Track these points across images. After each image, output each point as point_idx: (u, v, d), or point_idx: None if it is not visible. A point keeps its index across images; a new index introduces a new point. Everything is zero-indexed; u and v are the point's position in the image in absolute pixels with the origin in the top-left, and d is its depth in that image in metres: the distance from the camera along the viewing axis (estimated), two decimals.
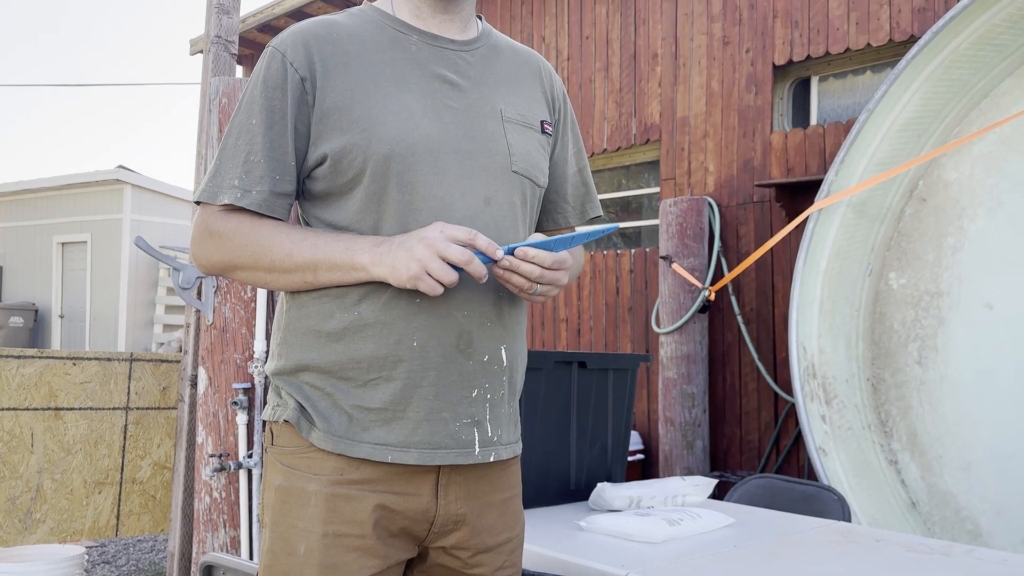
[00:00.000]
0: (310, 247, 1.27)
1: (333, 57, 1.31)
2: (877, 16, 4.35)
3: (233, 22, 3.45)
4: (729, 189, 4.98)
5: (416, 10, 1.39)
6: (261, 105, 1.30)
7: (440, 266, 1.20)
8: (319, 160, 1.29)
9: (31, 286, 14.68)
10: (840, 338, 4.00)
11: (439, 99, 1.34)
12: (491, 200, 1.34)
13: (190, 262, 3.15)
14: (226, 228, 1.30)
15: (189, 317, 3.32)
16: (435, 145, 1.30)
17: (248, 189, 1.28)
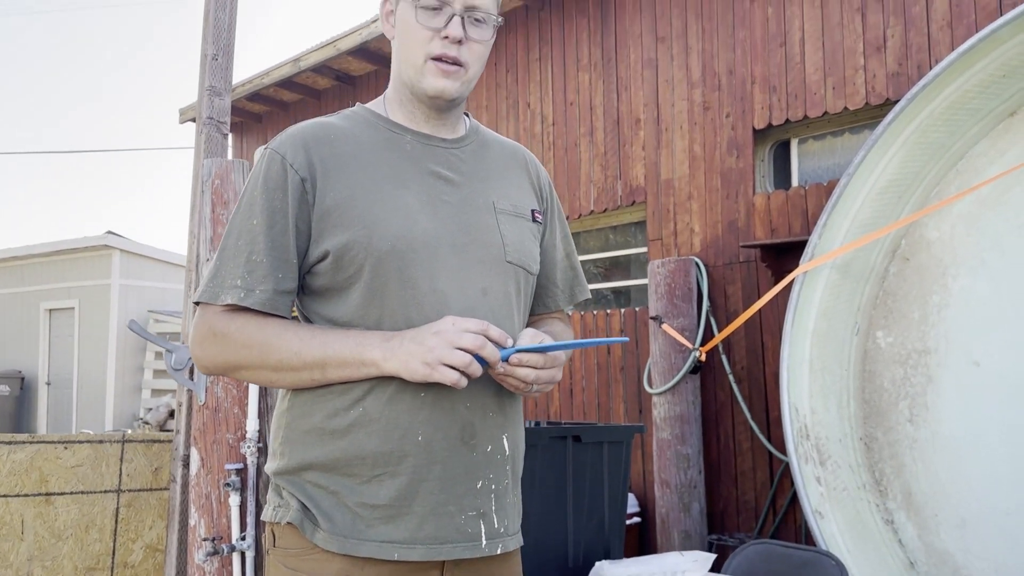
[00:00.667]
0: (319, 345, 1.27)
1: (332, 158, 1.35)
2: (853, 81, 4.47)
3: (225, 103, 3.52)
4: (715, 249, 5.05)
5: (409, 114, 1.44)
6: (262, 206, 1.32)
7: (453, 354, 1.22)
8: (321, 256, 1.32)
9: (18, 354, 14.56)
10: (831, 398, 4.02)
11: (435, 195, 1.38)
12: (488, 291, 1.37)
13: (182, 343, 3.16)
14: (230, 328, 1.30)
15: (181, 396, 3.31)
16: (433, 240, 1.34)
17: (252, 288, 1.29)
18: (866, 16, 4.45)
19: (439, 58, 1.36)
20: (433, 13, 1.34)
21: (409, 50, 1.38)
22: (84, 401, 13.32)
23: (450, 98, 1.39)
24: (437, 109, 1.42)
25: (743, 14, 5.00)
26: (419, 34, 1.35)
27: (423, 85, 1.38)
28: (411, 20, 1.36)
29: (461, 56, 1.36)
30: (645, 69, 5.50)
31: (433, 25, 1.35)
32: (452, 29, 1.34)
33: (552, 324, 1.61)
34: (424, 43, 1.35)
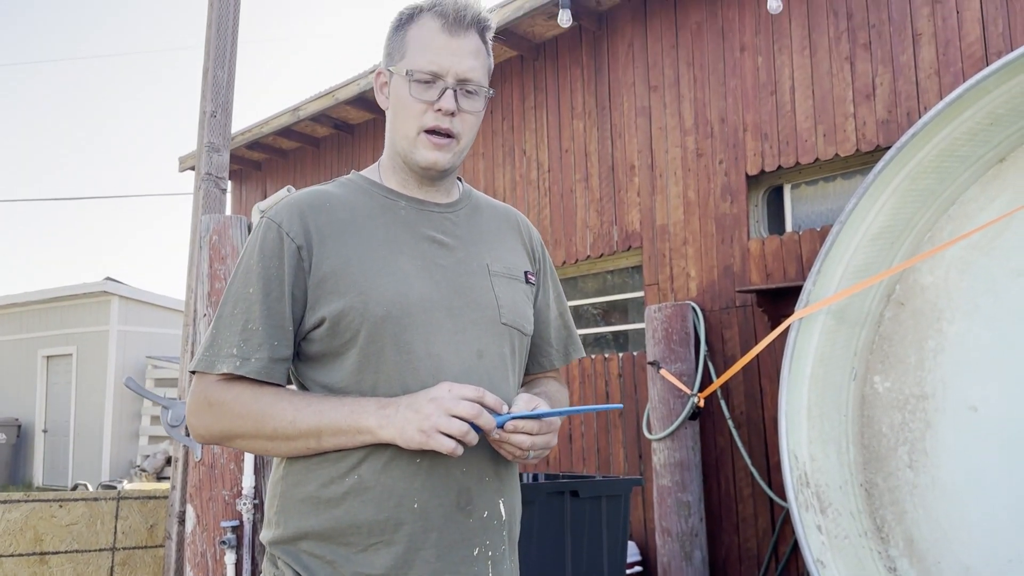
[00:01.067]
0: (314, 413, 1.27)
1: (328, 225, 1.36)
2: (843, 128, 4.53)
3: (223, 159, 3.56)
4: (711, 294, 5.07)
5: (403, 181, 1.46)
6: (258, 274, 1.33)
7: (450, 423, 1.21)
8: (317, 323, 1.32)
9: (15, 401, 14.49)
10: (831, 444, 4.01)
11: (430, 259, 1.39)
12: (483, 353, 1.38)
13: (178, 398, 3.16)
14: (226, 397, 1.31)
15: (177, 452, 3.30)
16: (429, 304, 1.35)
17: (247, 357, 1.30)
18: (855, 65, 4.53)
19: (432, 130, 1.38)
20: (426, 86, 1.37)
21: (403, 122, 1.40)
22: (81, 448, 13.22)
23: (442, 169, 1.42)
24: (430, 178, 1.45)
25: (734, 63, 5.08)
26: (413, 107, 1.38)
27: (416, 157, 1.40)
28: (405, 93, 1.38)
29: (454, 128, 1.39)
30: (639, 117, 5.57)
31: (426, 98, 1.37)
32: (445, 102, 1.36)
33: (547, 384, 1.62)
34: (418, 116, 1.38)
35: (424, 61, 1.36)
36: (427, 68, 1.36)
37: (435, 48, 1.36)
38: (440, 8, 1.37)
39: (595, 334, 6.04)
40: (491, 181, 6.49)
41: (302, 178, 8.36)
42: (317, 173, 8.22)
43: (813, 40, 4.72)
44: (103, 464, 12.74)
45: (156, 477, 11.50)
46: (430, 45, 1.36)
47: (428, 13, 1.38)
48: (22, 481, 13.92)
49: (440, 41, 1.36)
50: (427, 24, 1.37)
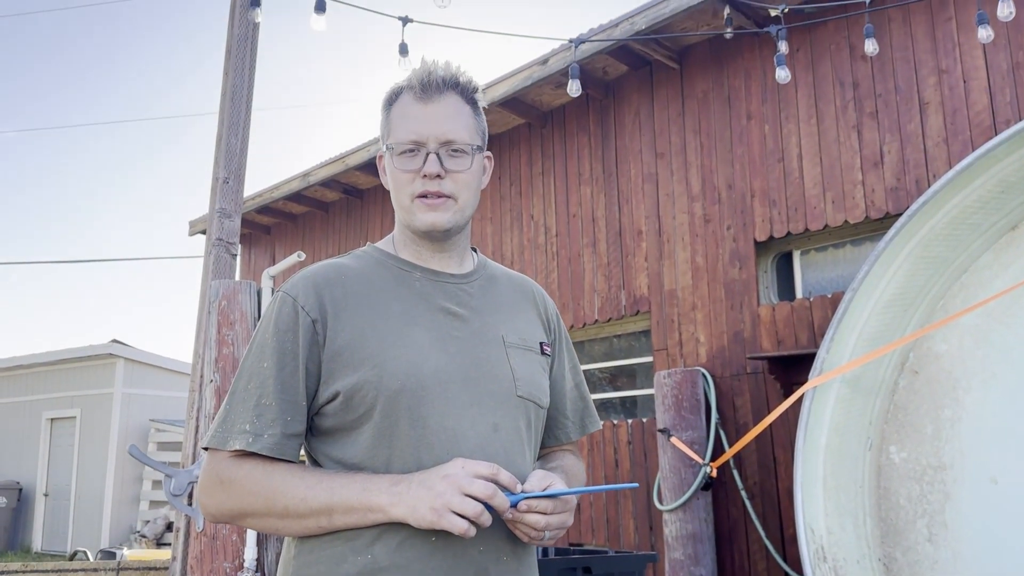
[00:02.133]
0: (325, 490, 1.24)
1: (343, 298, 1.35)
2: (852, 195, 4.54)
3: (235, 225, 3.57)
4: (722, 360, 5.02)
5: (416, 252, 1.45)
6: (273, 348, 1.31)
7: (463, 501, 1.17)
8: (331, 397, 1.30)
9: (17, 463, 14.35)
10: (847, 516, 3.91)
11: (445, 331, 1.37)
12: (499, 427, 1.35)
13: (181, 467, 3.10)
14: (237, 475, 1.28)
15: (179, 521, 3.23)
16: (444, 376, 1.32)
17: (260, 433, 1.27)
18: (862, 133, 4.56)
19: (423, 195, 1.40)
20: (410, 156, 1.39)
21: (398, 194, 1.42)
22: (81, 512, 13.03)
23: (443, 229, 1.41)
24: (436, 241, 1.44)
25: (740, 131, 5.13)
26: (402, 178, 1.40)
27: (416, 223, 1.41)
28: (392, 168, 1.41)
29: (444, 189, 1.39)
30: (646, 183, 5.61)
31: (412, 167, 1.39)
32: (428, 167, 1.38)
33: (563, 458, 1.57)
34: (407, 185, 1.40)
35: (403, 133, 1.39)
36: (407, 139, 1.38)
37: (411, 117, 1.39)
38: (411, 80, 1.41)
39: (603, 399, 5.97)
40: (499, 245, 6.51)
41: (311, 242, 8.41)
42: (326, 237, 8.26)
43: (820, 109, 4.77)
44: (103, 529, 12.53)
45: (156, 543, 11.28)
46: (407, 115, 1.39)
47: (405, 89, 1.42)
48: (20, 546, 13.68)
49: (415, 110, 1.39)
50: (404, 98, 1.41)
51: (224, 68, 3.87)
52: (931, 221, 3.68)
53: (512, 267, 6.31)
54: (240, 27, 3.82)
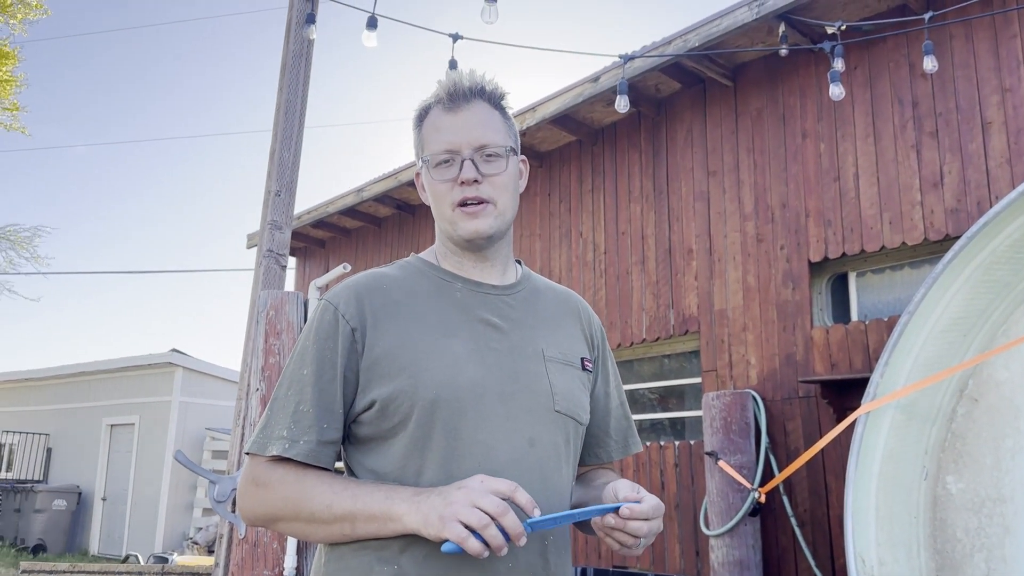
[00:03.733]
0: (350, 497, 1.24)
1: (383, 307, 1.35)
2: (910, 216, 4.42)
3: (285, 236, 3.63)
4: (773, 383, 4.91)
5: (458, 263, 1.45)
6: (313, 355, 1.33)
7: (471, 512, 1.14)
8: (367, 406, 1.30)
9: (77, 468, 14.77)
10: (900, 547, 3.77)
11: (483, 342, 1.36)
12: (535, 441, 1.33)
13: (227, 473, 3.15)
14: (271, 479, 1.29)
15: (222, 528, 3.27)
16: (480, 388, 1.31)
17: (296, 439, 1.28)
18: (921, 153, 4.44)
19: (463, 203, 1.39)
20: (446, 166, 1.39)
21: (439, 206, 1.42)
22: (137, 517, 13.34)
23: (487, 235, 1.40)
24: (479, 250, 1.44)
25: (795, 150, 5.04)
26: (440, 188, 1.40)
27: (458, 232, 1.40)
28: (430, 180, 1.42)
29: (482, 194, 1.39)
30: (697, 201, 5.54)
31: (448, 176, 1.39)
32: (465, 173, 1.38)
33: (606, 475, 1.54)
34: (447, 195, 1.40)
35: (436, 144, 1.40)
36: (440, 149, 1.39)
37: (443, 128, 1.40)
38: (438, 93, 1.42)
39: (651, 420, 5.90)
40: (547, 262, 6.49)
41: (364, 256, 8.52)
42: (378, 251, 8.36)
43: (877, 128, 4.66)
44: (157, 534, 12.80)
45: (207, 550, 11.48)
46: (439, 127, 1.40)
47: (433, 104, 1.43)
48: (79, 549, 14.06)
49: (446, 121, 1.40)
50: (433, 112, 1.43)
51: (279, 83, 3.96)
52: (992, 243, 3.56)
53: (560, 284, 6.29)
54: (295, 44, 3.90)
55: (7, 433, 15.86)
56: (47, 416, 15.89)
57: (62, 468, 15.15)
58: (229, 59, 46.85)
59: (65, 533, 13.61)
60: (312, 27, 3.82)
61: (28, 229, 14.72)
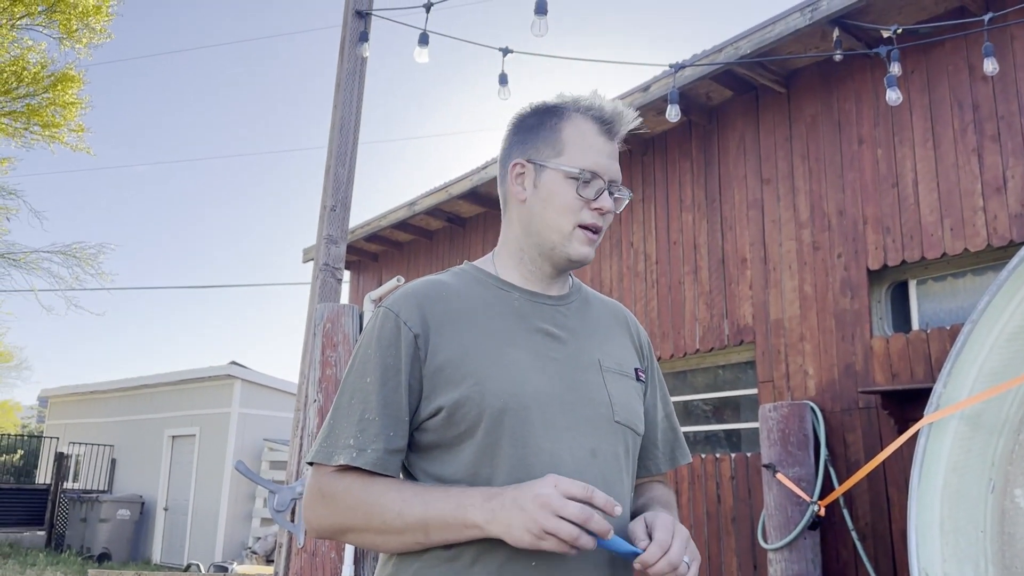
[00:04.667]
0: (421, 504, 1.23)
1: (444, 315, 1.35)
2: (972, 223, 4.31)
3: (340, 251, 3.70)
4: (832, 394, 4.82)
5: (527, 273, 1.45)
6: (375, 363, 1.31)
7: (558, 524, 1.14)
8: (433, 412, 1.29)
9: (141, 478, 15.15)
10: (967, 563, 3.66)
11: (543, 352, 1.36)
12: (597, 452, 1.32)
13: (286, 484, 3.20)
14: (338, 489, 1.28)
15: (282, 538, 3.33)
16: (544, 398, 1.31)
17: (363, 448, 1.27)
18: (983, 157, 4.33)
19: (588, 227, 1.40)
20: (586, 185, 1.39)
21: (557, 217, 1.40)
22: (197, 527, 13.62)
23: (588, 263, 1.43)
24: (564, 271, 1.45)
25: (851, 156, 4.96)
26: (572, 203, 1.39)
27: (568, 251, 1.40)
28: (562, 189, 1.39)
29: (603, 225, 1.42)
30: (750, 209, 5.48)
31: (586, 195, 1.39)
32: (606, 203, 1.39)
33: (655, 489, 1.53)
34: (575, 212, 1.39)
35: (588, 161, 1.38)
36: (590, 166, 1.38)
37: (596, 149, 1.39)
38: (597, 112, 1.41)
39: (705, 431, 5.83)
40: (597, 272, 6.48)
41: (415, 269, 8.61)
42: (430, 264, 8.44)
43: (937, 132, 4.56)
44: (217, 544, 13.05)
45: (266, 560, 11.66)
46: (592, 145, 1.39)
47: (582, 114, 1.41)
48: (141, 558, 14.40)
49: (600, 143, 1.40)
50: (584, 124, 1.41)
51: (334, 102, 4.04)
52: None
53: (611, 295, 6.27)
54: (349, 62, 3.98)
55: (74, 444, 16.36)
56: (112, 428, 16.35)
57: (126, 478, 15.56)
58: (284, 78, 47.80)
59: (129, 542, 13.96)
60: (365, 45, 3.89)
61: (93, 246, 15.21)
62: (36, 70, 12.53)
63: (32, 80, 12.45)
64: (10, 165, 14.06)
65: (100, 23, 12.52)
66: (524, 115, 1.47)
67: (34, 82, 12.46)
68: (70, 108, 12.85)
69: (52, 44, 13.05)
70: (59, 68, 12.73)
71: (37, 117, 12.69)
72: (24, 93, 12.50)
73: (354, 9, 4.09)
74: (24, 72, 12.40)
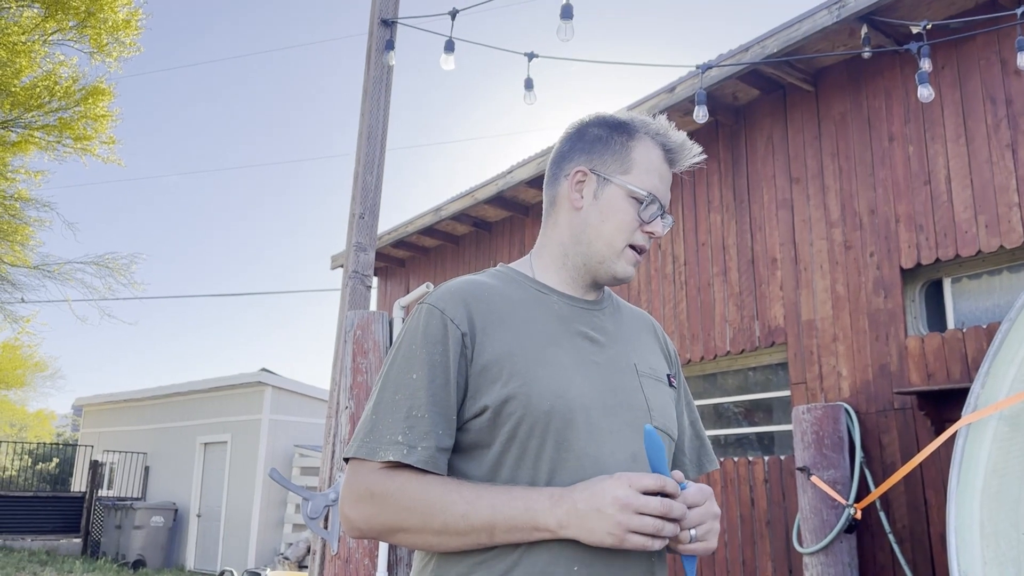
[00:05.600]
0: (487, 507, 1.21)
1: (488, 314, 1.34)
2: (1007, 219, 4.23)
3: (369, 258, 3.71)
4: (866, 395, 4.75)
5: (568, 280, 1.45)
6: (422, 360, 1.29)
7: (642, 521, 1.16)
8: (478, 412, 1.28)
9: (174, 485, 15.32)
10: (1009, 566, 3.58)
11: (585, 355, 1.36)
12: (637, 456, 1.31)
13: (319, 489, 3.22)
14: (390, 488, 1.24)
15: (315, 545, 3.35)
16: (588, 401, 1.30)
17: (414, 445, 1.24)
18: (1017, 153, 4.26)
19: (637, 248, 1.43)
20: (644, 208, 1.42)
21: (612, 232, 1.42)
22: (230, 534, 13.74)
23: (629, 282, 1.46)
24: (603, 286, 1.48)
25: (882, 154, 4.89)
26: (630, 222, 1.41)
27: (615, 269, 1.42)
28: (624, 206, 1.42)
29: (648, 248, 1.46)
30: (780, 209, 5.43)
31: (645, 216, 1.42)
32: (659, 227, 1.43)
33: None
34: (630, 230, 1.41)
35: (651, 184, 1.42)
36: (651, 188, 1.42)
37: (658, 174, 1.43)
38: (665, 139, 1.44)
39: (737, 434, 5.77)
40: None
41: (442, 274, 8.63)
42: (456, 269, 8.46)
43: (969, 128, 4.49)
44: (250, 550, 13.16)
45: (298, 566, 11.74)
46: (657, 171, 1.43)
47: (652, 138, 1.45)
48: (175, 564, 14.56)
49: (664, 170, 1.44)
50: (653, 149, 1.44)
51: (361, 110, 4.06)
52: None
53: (639, 297, 6.24)
54: (375, 70, 4.00)
55: (108, 452, 16.59)
56: (145, 435, 16.56)
57: (159, 486, 15.74)
58: (312, 87, 48.22)
59: (163, 549, 14.11)
60: (391, 53, 3.91)
61: (125, 256, 15.40)
62: (68, 84, 12.74)
63: (64, 94, 12.66)
64: (44, 178, 14.31)
65: (129, 37, 12.70)
66: (589, 124, 1.48)
67: (66, 96, 12.67)
68: (101, 121, 13.05)
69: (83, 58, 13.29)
70: (90, 82, 12.93)
71: (69, 130, 12.90)
72: (56, 107, 12.71)
73: (380, 18, 4.11)
74: (56, 87, 12.62)
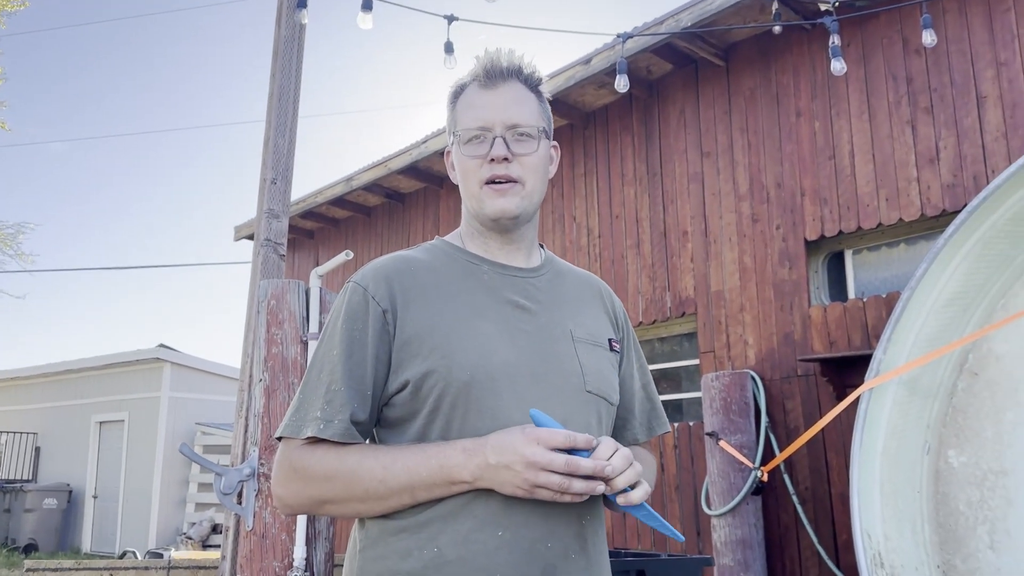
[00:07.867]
0: (403, 470, 1.24)
1: (412, 289, 1.35)
2: (907, 193, 4.43)
3: (282, 225, 3.59)
4: (771, 363, 4.92)
5: (484, 245, 1.45)
6: (341, 336, 1.32)
7: (548, 478, 1.19)
8: (400, 387, 1.30)
9: (67, 466, 14.65)
10: (905, 522, 3.79)
11: (512, 323, 1.36)
12: (568, 422, 1.32)
13: (231, 465, 3.11)
14: (310, 462, 1.28)
15: (229, 521, 3.24)
16: (512, 369, 1.31)
17: (330, 419, 1.27)
18: (916, 128, 4.45)
19: (491, 180, 1.39)
20: (477, 143, 1.39)
21: (467, 183, 1.42)
22: (129, 515, 13.26)
23: (513, 215, 1.40)
24: (505, 231, 1.43)
25: (789, 129, 5.03)
26: (470, 164, 1.40)
27: (485, 210, 1.40)
28: (461, 157, 1.42)
29: (512, 173, 1.39)
30: (691, 183, 5.53)
31: (479, 153, 1.39)
32: (496, 150, 1.38)
33: (634, 449, 1.54)
34: (475, 171, 1.40)
35: (469, 120, 1.40)
36: (473, 125, 1.39)
37: (477, 105, 1.40)
38: (475, 70, 1.43)
39: None
40: None
41: (353, 246, 8.46)
42: (368, 241, 8.31)
43: (872, 104, 4.66)
44: (150, 531, 12.74)
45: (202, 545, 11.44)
46: (472, 104, 1.41)
47: (469, 81, 1.44)
48: (70, 547, 13.96)
49: (482, 99, 1.40)
50: (469, 89, 1.43)
51: (271, 70, 3.90)
52: (992, 217, 3.57)
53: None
54: (287, 28, 3.85)
55: None
56: (35, 415, 15.75)
57: (52, 467, 15.03)
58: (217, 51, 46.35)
59: (56, 532, 13.51)
60: (304, 11, 3.76)
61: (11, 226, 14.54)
62: None
63: None
64: None
65: None
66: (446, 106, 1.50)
67: None
68: None
69: None
70: None
71: None
72: None
73: None
74: None
